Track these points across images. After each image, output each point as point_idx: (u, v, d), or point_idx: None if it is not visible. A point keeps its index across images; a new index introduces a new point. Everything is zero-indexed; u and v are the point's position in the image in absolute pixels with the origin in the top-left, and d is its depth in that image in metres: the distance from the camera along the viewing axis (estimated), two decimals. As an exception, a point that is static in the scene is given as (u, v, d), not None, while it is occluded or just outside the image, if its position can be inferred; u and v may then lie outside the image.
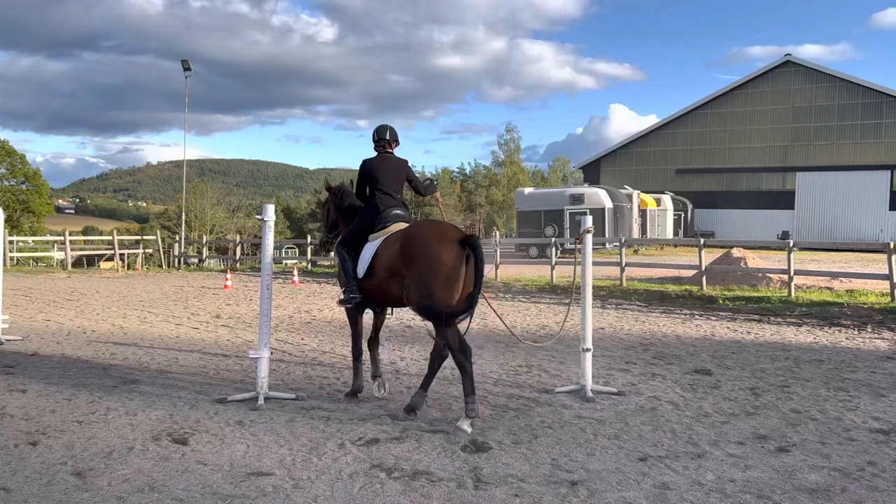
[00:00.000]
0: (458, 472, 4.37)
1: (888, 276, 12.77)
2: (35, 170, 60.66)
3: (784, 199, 39.10)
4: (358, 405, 5.93)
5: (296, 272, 20.21)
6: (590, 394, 6.28)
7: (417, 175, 6.49)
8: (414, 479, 4.24)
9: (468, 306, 5.25)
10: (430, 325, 5.44)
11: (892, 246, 13.00)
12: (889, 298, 12.51)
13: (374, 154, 6.30)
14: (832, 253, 26.49)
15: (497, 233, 22.15)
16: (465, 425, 5.11)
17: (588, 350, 6.51)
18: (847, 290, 14.04)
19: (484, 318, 11.83)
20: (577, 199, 29.53)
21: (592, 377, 6.56)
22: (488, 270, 18.68)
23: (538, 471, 4.41)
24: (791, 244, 14.32)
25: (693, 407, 6.00)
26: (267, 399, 5.94)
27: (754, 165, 39.94)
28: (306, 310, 13.03)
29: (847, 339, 10.00)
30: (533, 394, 6.42)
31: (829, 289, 14.60)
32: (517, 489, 4.10)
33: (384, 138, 6.25)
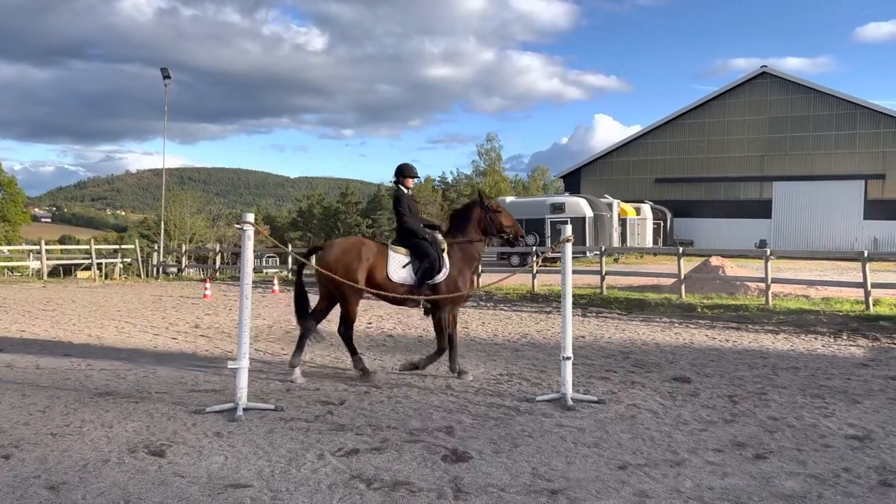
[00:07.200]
0: (439, 482, 4.36)
1: (862, 285, 12.95)
2: (10, 178, 60.01)
3: (761, 208, 39.65)
4: (339, 416, 5.90)
5: (276, 282, 20.06)
6: (570, 402, 6.31)
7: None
8: (394, 489, 4.22)
9: None
10: None
11: (866, 254, 13.21)
12: (863, 306, 12.69)
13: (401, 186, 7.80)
14: (808, 261, 26.81)
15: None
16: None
17: (568, 358, 6.54)
18: (823, 298, 14.22)
19: (466, 327, 11.83)
20: (558, 207, 29.69)
21: (573, 385, 6.59)
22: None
23: (518, 480, 4.41)
24: (768, 253, 14.49)
25: (672, 415, 6.04)
26: (246, 410, 5.89)
27: (732, 175, 40.47)
28: (286, 320, 12.92)
29: (823, 346, 10.13)
30: (514, 402, 6.43)
31: (806, 297, 14.78)
32: (497, 499, 4.10)
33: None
